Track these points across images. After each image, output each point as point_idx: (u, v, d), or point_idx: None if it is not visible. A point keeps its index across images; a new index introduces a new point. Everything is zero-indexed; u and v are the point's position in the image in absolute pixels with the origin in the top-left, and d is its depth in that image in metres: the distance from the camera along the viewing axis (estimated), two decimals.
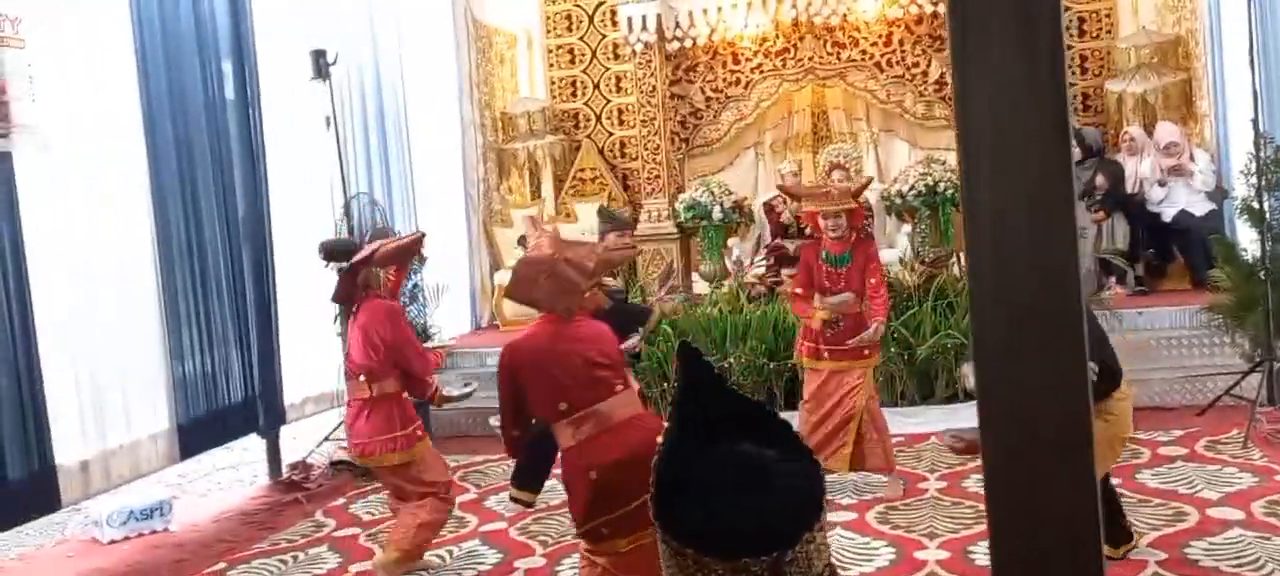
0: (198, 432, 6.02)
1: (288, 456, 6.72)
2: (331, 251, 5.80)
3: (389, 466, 4.59)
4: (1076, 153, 7.67)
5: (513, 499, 5.37)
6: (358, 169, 7.71)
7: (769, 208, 8.40)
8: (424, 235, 5.36)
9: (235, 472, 6.99)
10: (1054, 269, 0.98)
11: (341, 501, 5.96)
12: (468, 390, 5.11)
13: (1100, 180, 7.39)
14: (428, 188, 8.45)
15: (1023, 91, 0.96)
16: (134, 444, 5.67)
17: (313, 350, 6.92)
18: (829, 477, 4.95)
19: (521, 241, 8.93)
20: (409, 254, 4.95)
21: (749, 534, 1.07)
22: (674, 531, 1.09)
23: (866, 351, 5.17)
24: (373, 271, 4.60)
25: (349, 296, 4.72)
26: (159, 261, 5.83)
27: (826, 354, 5.16)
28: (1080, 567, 1.00)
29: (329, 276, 6.12)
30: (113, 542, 5.47)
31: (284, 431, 6.82)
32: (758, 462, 1.11)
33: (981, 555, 4.17)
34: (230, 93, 6.42)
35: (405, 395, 4.63)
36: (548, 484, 5.91)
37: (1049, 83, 0.96)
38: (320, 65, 6.93)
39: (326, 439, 6.79)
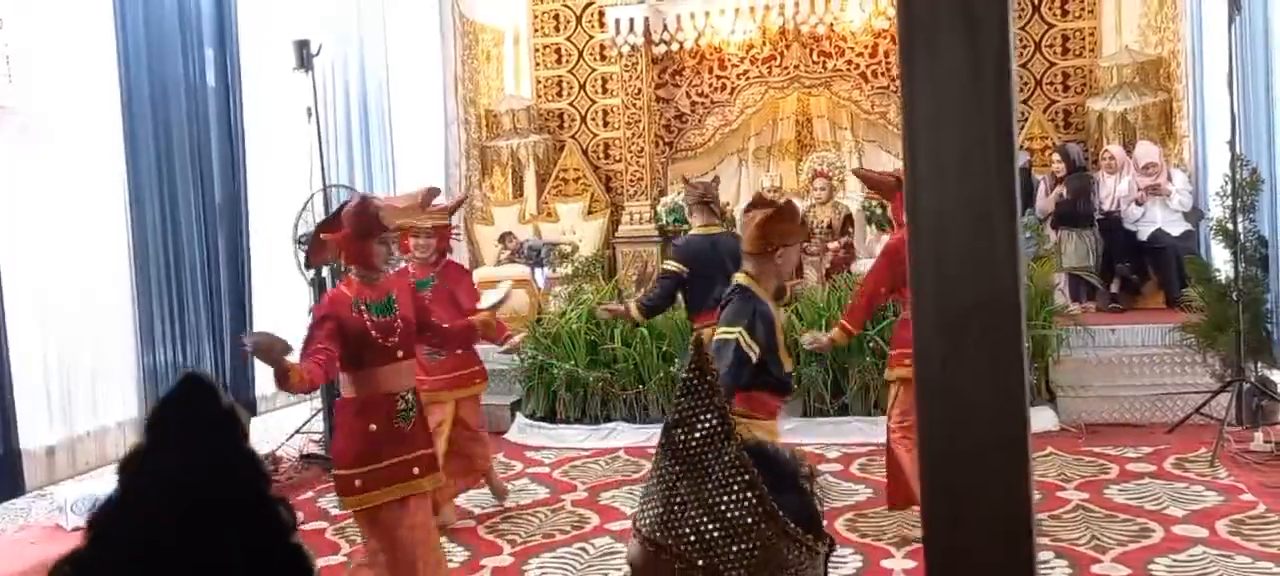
0: None
1: (257, 449, 6.65)
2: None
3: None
4: (1062, 166, 7.74)
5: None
6: (339, 161, 7.67)
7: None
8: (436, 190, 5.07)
9: None
10: (995, 274, 0.98)
11: (310, 495, 5.92)
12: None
13: (1065, 193, 7.46)
14: (409, 183, 8.41)
15: (968, 94, 0.96)
16: (101, 431, 5.62)
17: (287, 341, 6.87)
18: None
19: (503, 239, 8.92)
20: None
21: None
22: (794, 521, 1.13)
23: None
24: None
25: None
26: (133, 247, 5.78)
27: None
28: (1014, 568, 1.00)
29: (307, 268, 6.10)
30: (77, 529, 5.40)
31: (255, 423, 6.76)
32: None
33: None
34: (211, 79, 6.38)
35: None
36: (517, 483, 5.92)
37: (995, 85, 0.95)
38: (303, 55, 6.87)
39: (297, 432, 6.74)
